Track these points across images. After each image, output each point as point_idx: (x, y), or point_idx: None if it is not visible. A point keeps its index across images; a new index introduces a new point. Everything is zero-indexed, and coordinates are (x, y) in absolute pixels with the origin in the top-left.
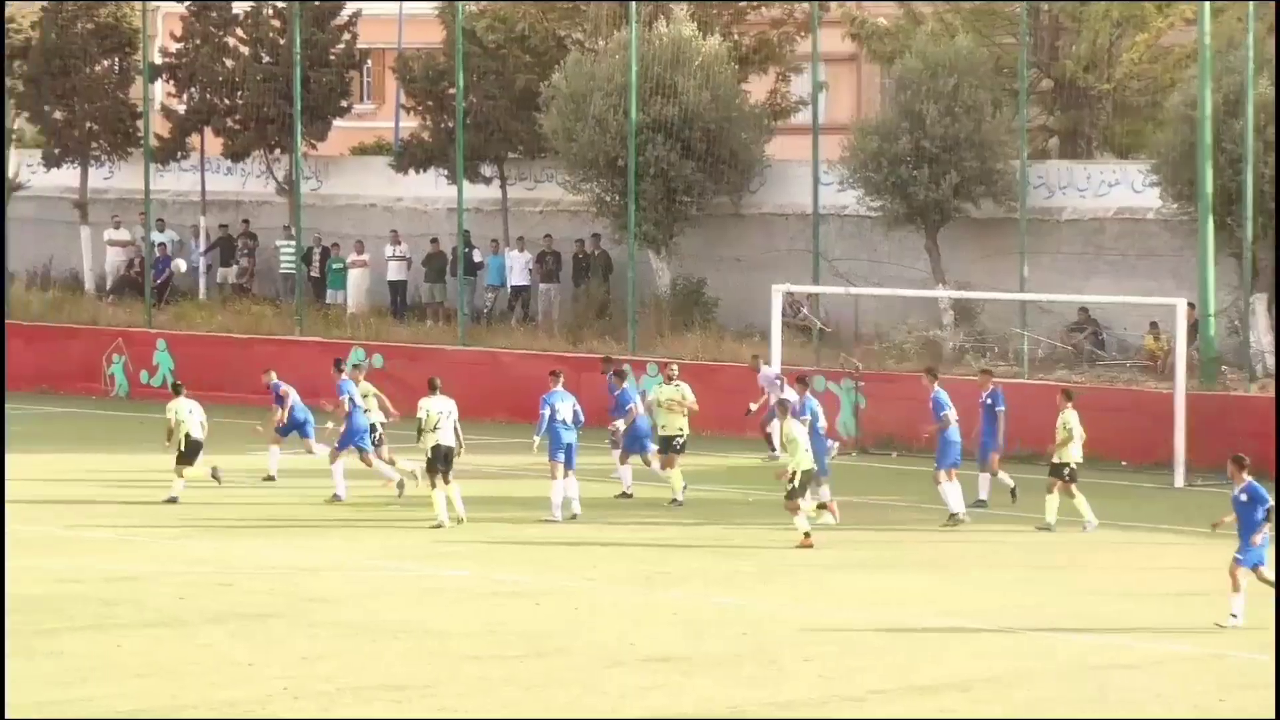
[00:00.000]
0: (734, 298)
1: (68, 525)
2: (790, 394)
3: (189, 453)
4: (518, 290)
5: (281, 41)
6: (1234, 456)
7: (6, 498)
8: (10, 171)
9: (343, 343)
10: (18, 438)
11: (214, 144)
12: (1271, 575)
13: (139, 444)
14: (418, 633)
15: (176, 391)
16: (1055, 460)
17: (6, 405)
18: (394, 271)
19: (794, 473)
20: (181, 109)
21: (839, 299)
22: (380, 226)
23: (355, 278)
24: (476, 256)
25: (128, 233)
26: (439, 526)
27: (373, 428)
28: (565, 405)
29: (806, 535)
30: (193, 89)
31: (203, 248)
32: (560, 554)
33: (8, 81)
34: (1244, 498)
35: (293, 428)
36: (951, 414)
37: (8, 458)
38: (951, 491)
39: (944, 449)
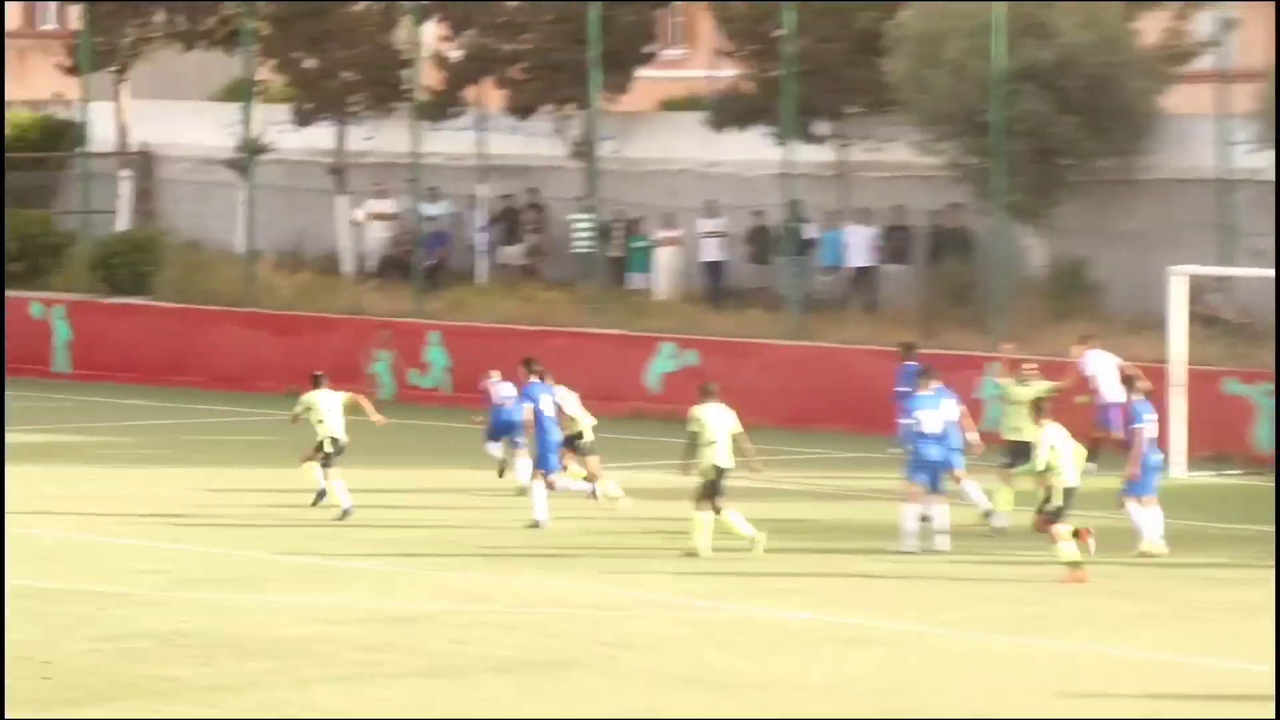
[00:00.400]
0: (1124, 281)
1: (325, 554)
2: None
3: (332, 456)
4: (859, 272)
5: None
6: None
7: (179, 514)
8: (255, 130)
9: (648, 336)
10: (264, 448)
11: (495, 97)
12: None
13: (408, 457)
14: (743, 686)
15: (316, 384)
16: None
17: (251, 410)
18: (710, 250)
19: (1054, 489)
20: (456, 56)
21: (1255, 284)
22: (693, 196)
23: (663, 257)
24: (809, 232)
25: (393, 203)
26: (692, 555)
27: (579, 435)
28: (934, 413)
29: (1076, 566)
30: (470, 32)
31: (482, 222)
32: (916, 592)
33: (251, 23)
34: None
35: (503, 432)
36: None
37: (255, 472)
38: None
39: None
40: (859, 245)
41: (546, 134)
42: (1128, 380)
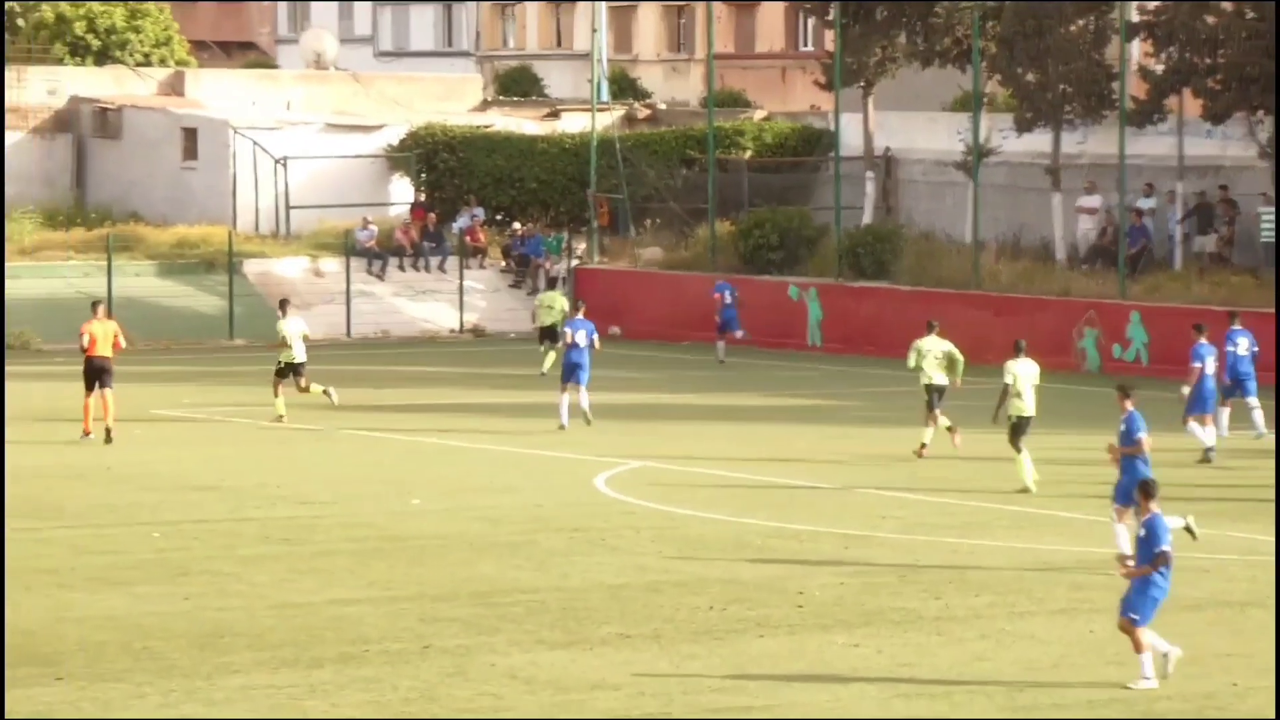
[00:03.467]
0: None
1: (1037, 505)
2: None
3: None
4: None
5: None
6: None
7: (908, 467)
8: (981, 136)
9: None
10: (981, 412)
11: (1192, 105)
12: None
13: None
14: None
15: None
16: None
17: (976, 380)
18: None
19: None
20: (1159, 69)
21: None
22: None
23: None
24: None
25: (1099, 199)
26: (1024, 491)
27: None
28: None
29: None
30: (1171, 48)
31: (1179, 215)
32: None
33: (980, 43)
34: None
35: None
36: None
37: (971, 434)
38: None
39: None
40: None
41: (1238, 137)
42: None
